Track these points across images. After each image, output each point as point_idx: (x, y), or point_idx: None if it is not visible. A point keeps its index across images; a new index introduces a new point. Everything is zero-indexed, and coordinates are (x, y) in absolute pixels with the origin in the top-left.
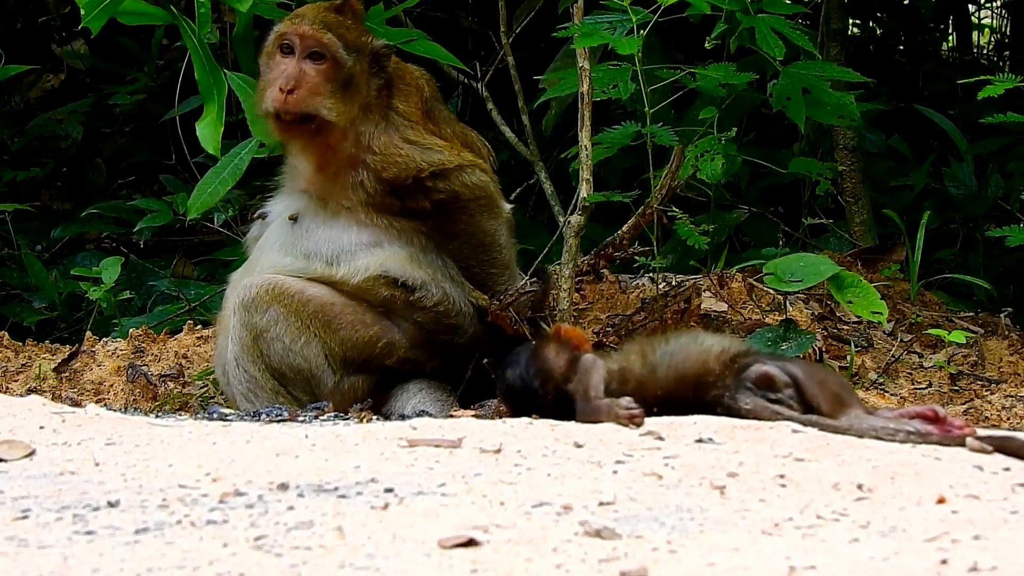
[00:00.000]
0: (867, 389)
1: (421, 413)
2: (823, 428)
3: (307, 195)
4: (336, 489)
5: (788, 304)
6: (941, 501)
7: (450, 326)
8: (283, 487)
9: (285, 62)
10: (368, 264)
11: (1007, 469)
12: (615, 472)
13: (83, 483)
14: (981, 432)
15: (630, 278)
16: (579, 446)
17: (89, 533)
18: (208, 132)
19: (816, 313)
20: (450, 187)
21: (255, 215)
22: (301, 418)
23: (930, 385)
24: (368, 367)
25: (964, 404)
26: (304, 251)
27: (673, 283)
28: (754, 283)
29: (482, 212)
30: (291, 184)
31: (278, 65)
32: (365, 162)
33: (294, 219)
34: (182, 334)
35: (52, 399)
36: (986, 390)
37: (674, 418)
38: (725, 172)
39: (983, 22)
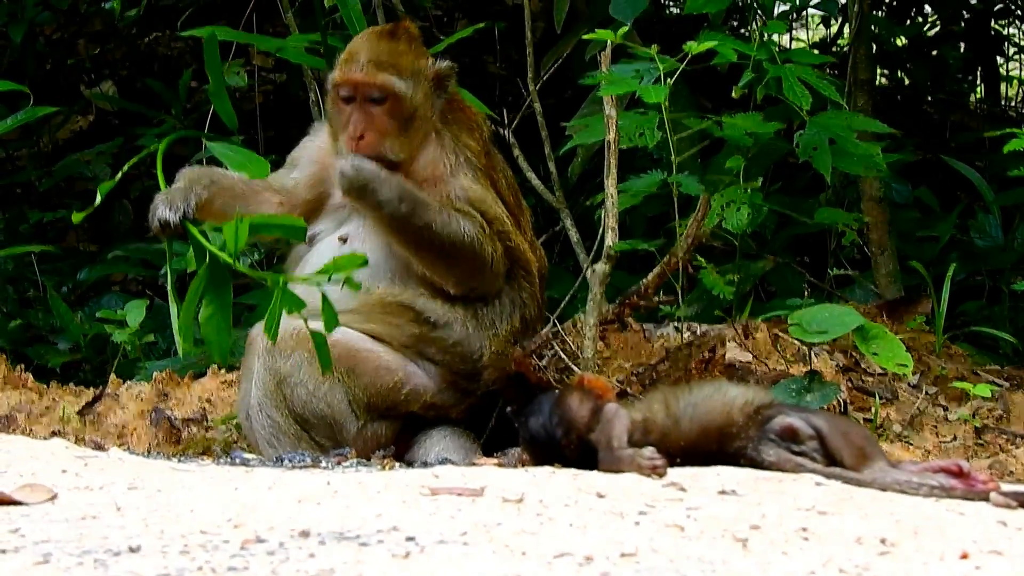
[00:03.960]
0: (891, 442)
1: (444, 461)
2: (846, 481)
3: (358, 214)
4: (357, 537)
5: (813, 355)
6: (964, 556)
7: (470, 369)
8: (304, 534)
9: (348, 109)
10: (403, 291)
11: None
12: (637, 523)
13: (105, 528)
14: (1005, 487)
15: (655, 327)
16: (601, 496)
17: None
18: (215, 337)
19: (841, 364)
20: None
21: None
22: (323, 464)
23: (955, 438)
24: (392, 413)
25: (989, 458)
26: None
27: (697, 332)
28: (779, 333)
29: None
30: (340, 202)
31: (343, 112)
32: (450, 194)
33: (344, 240)
34: (206, 378)
35: (75, 442)
36: (1011, 444)
37: (697, 469)
38: (751, 222)
39: (1011, 74)
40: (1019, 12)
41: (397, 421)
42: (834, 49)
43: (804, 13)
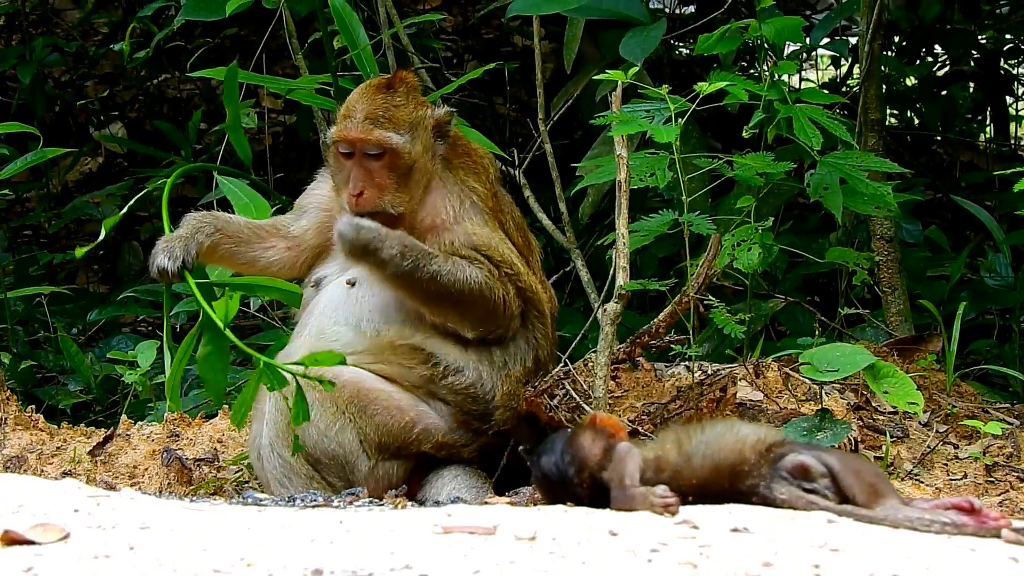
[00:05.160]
0: (902, 479)
1: (456, 500)
2: (858, 518)
3: None
4: (371, 575)
5: (824, 394)
6: None
7: (482, 409)
8: (317, 572)
9: (348, 164)
10: (413, 334)
11: None
12: (650, 560)
13: (118, 567)
14: (1016, 524)
15: (666, 366)
16: (614, 534)
17: None
18: (211, 376)
19: (852, 403)
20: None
21: (310, 282)
22: (336, 504)
23: (965, 476)
24: (404, 452)
25: (999, 495)
26: (356, 317)
27: (709, 372)
28: (790, 372)
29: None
30: None
31: (343, 167)
32: (454, 241)
33: (352, 284)
34: (217, 418)
35: (87, 482)
36: (1021, 481)
37: (709, 507)
38: (762, 261)
39: (1021, 113)
40: None
41: (409, 461)
42: (844, 89)
43: (814, 53)
